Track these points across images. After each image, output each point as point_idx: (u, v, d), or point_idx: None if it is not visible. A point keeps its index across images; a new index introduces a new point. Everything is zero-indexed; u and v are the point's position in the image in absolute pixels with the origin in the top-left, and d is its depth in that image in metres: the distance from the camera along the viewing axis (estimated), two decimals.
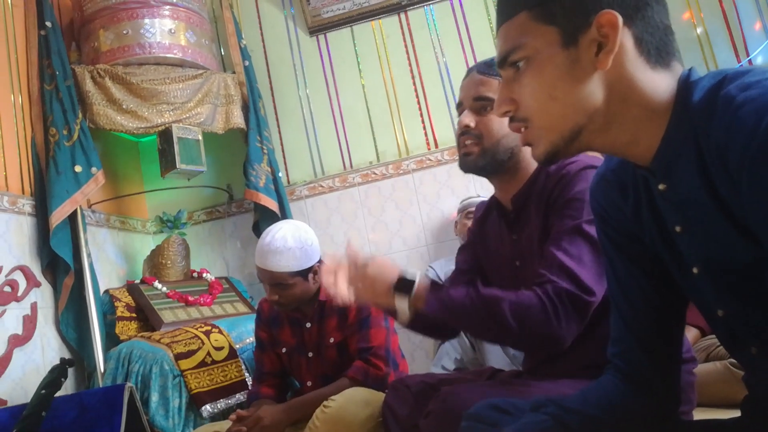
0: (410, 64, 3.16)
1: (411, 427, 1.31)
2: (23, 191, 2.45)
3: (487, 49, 3.06)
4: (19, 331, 2.26)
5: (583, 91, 0.73)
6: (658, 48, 0.73)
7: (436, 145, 3.06)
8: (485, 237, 1.42)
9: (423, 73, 3.14)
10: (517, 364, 2.14)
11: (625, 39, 0.72)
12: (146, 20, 2.68)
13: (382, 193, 3.07)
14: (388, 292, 1.14)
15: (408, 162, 3.05)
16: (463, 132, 1.27)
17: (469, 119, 1.26)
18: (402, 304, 1.13)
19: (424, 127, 3.10)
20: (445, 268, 2.56)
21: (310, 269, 1.92)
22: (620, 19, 0.70)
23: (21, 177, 2.46)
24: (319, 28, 3.25)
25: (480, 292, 1.11)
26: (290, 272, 1.88)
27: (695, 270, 0.77)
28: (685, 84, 0.72)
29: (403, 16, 3.19)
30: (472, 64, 3.04)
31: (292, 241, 1.89)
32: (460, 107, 1.31)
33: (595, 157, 1.26)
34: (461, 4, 3.14)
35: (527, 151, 1.21)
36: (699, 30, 2.89)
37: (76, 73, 2.59)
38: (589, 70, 0.73)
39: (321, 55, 3.26)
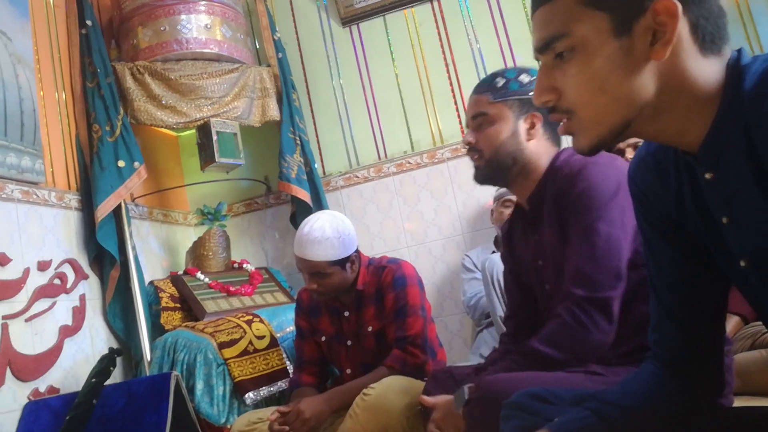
0: (444, 52, 3.14)
1: None
2: (69, 186, 2.53)
3: (522, 34, 3.02)
4: (69, 322, 2.34)
5: (636, 83, 0.69)
6: (713, 34, 0.69)
7: None
8: (512, 244, 1.49)
9: (457, 60, 3.11)
10: None
11: (681, 27, 0.67)
12: (183, 16, 2.73)
13: (417, 183, 3.07)
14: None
15: (443, 151, 3.04)
16: (468, 149, 1.40)
17: (470, 136, 1.38)
18: None
19: (459, 116, 3.08)
20: (481, 256, 2.56)
21: (347, 259, 1.95)
22: (679, 7, 0.66)
23: (67, 173, 2.54)
24: (351, 19, 3.25)
25: (515, 352, 1.25)
26: (328, 261, 1.90)
27: (742, 263, 0.73)
28: (735, 69, 0.68)
29: (436, 4, 3.17)
30: (507, 50, 3.04)
31: (330, 231, 1.91)
32: (468, 127, 1.43)
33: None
34: None
35: (532, 152, 1.34)
36: (741, 8, 2.79)
37: (117, 70, 2.65)
38: (642, 61, 0.68)
39: (354, 46, 3.26)
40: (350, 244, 1.96)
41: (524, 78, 1.36)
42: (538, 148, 1.35)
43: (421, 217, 3.05)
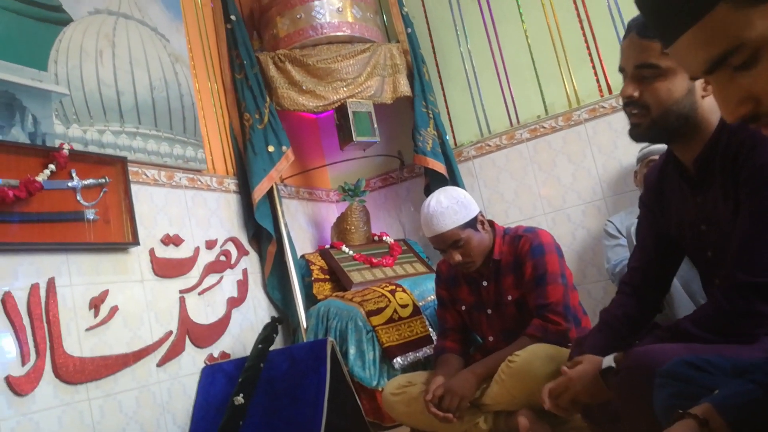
0: (576, 6, 2.99)
1: None
2: (227, 172, 2.78)
3: None
4: (235, 294, 2.60)
5: None
6: None
7: (610, 91, 2.88)
8: (663, 199, 1.38)
9: (591, 13, 2.95)
10: None
11: None
12: (316, 2, 2.86)
13: (552, 147, 3.00)
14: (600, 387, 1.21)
15: (579, 112, 2.93)
16: (628, 103, 1.21)
17: (632, 89, 1.19)
18: None
19: (596, 73, 2.94)
20: (625, 221, 2.45)
21: (475, 219, 1.99)
22: None
23: (224, 159, 2.80)
24: None
25: (663, 330, 1.19)
26: (458, 226, 1.96)
27: None
28: None
29: None
30: None
31: (446, 201, 1.98)
32: (623, 72, 1.24)
33: None
34: None
35: (705, 110, 1.19)
36: None
37: (260, 60, 2.85)
38: None
39: (481, 11, 3.21)
40: (470, 204, 2.01)
41: None
42: (712, 105, 1.19)
43: (558, 182, 2.98)
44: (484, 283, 2.07)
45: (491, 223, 2.08)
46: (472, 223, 1.98)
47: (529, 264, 1.96)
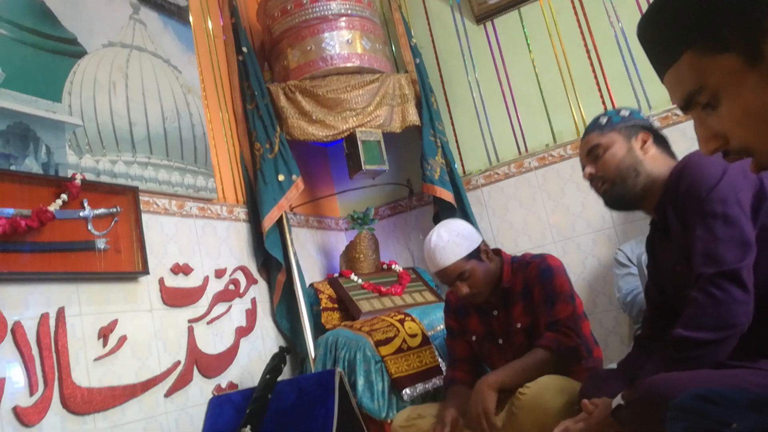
0: (583, 37, 3.03)
1: None
2: (237, 201, 2.80)
3: None
4: (243, 324, 2.59)
5: None
6: None
7: None
8: (654, 253, 1.52)
9: (598, 43, 2.98)
10: None
11: None
12: (326, 34, 2.90)
13: (561, 176, 3.00)
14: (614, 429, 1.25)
15: None
16: (591, 180, 1.51)
17: (590, 168, 1.50)
18: None
19: (603, 101, 2.95)
20: (636, 250, 2.44)
21: (478, 250, 1.98)
22: None
23: (234, 188, 2.82)
24: (485, 15, 3.24)
25: (660, 351, 1.26)
26: (462, 258, 1.94)
27: None
28: None
29: None
30: None
31: (446, 234, 1.98)
32: (583, 167, 1.53)
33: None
34: None
35: (650, 164, 1.42)
36: None
37: (271, 91, 2.88)
38: None
39: (489, 42, 3.25)
40: (471, 235, 1.99)
41: (624, 112, 1.51)
42: (656, 161, 1.43)
43: (567, 210, 2.97)
44: (495, 313, 2.05)
45: (497, 251, 2.07)
46: (475, 254, 1.97)
47: (538, 287, 1.95)
